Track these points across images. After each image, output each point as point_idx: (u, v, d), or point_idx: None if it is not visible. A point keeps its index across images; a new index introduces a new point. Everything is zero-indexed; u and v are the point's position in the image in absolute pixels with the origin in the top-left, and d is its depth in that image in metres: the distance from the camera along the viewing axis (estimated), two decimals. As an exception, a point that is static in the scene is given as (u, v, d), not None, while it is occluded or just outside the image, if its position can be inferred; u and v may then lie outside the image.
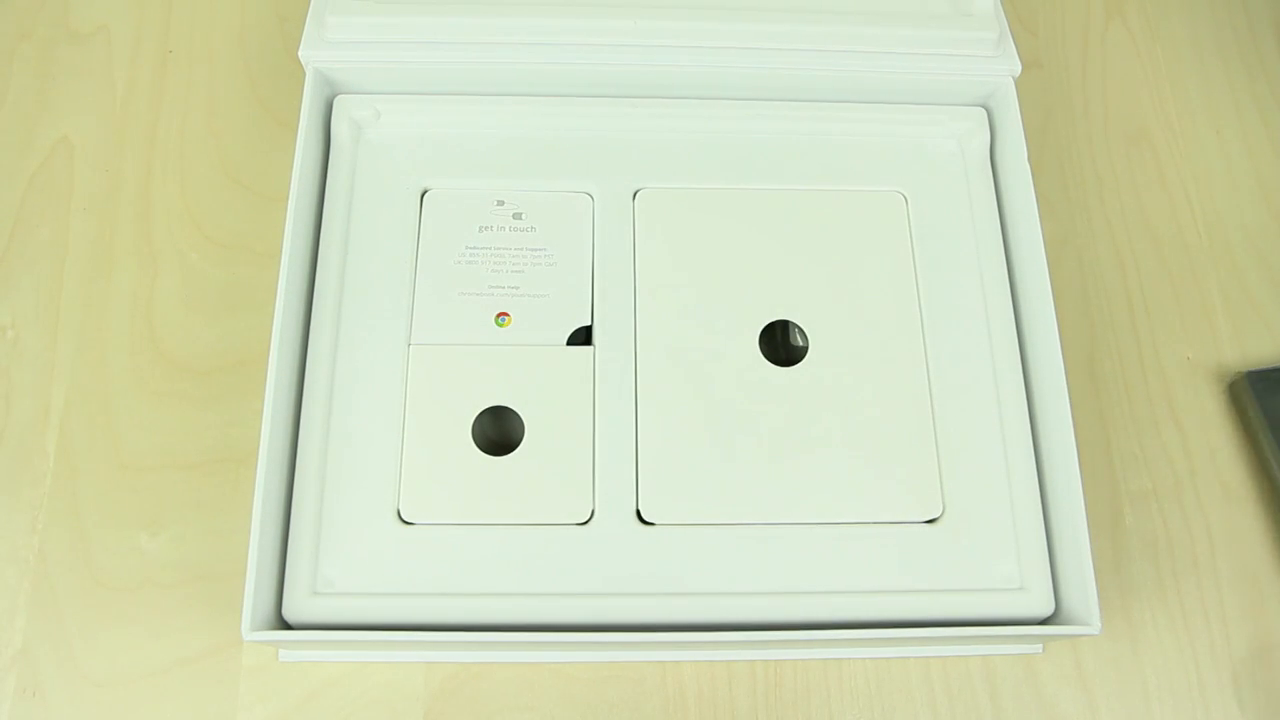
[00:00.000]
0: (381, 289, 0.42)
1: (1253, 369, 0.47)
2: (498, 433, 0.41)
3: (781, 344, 0.45)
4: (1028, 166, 0.43)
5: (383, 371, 0.41)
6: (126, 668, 0.41)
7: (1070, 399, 0.39)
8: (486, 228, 0.43)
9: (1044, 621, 0.39)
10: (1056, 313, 0.41)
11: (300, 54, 0.44)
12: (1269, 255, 0.51)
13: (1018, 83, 0.45)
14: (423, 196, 0.44)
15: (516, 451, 0.40)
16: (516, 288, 0.42)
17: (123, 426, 0.44)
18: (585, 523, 0.39)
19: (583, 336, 0.42)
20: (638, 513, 0.39)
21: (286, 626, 0.37)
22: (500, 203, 0.44)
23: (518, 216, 0.44)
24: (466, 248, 0.43)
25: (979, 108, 0.47)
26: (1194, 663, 0.43)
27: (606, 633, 0.37)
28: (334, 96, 0.45)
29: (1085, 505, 0.38)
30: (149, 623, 0.42)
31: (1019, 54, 0.45)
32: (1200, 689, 0.43)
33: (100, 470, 0.44)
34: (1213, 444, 0.47)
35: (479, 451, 0.40)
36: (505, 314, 0.42)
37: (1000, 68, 0.45)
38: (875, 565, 0.39)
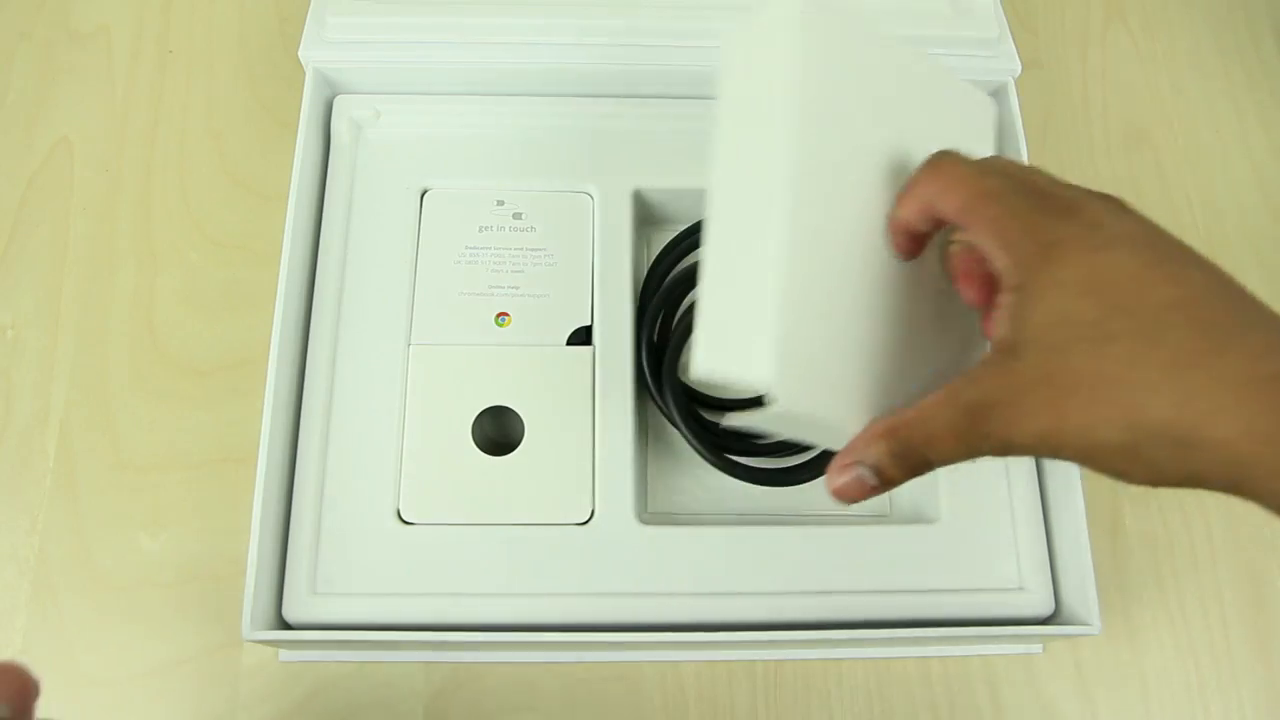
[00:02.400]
0: (381, 289, 0.42)
1: None
2: (498, 433, 0.41)
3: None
4: (1028, 166, 0.43)
5: (383, 371, 0.40)
6: (126, 668, 0.41)
7: (1070, 399, 0.39)
8: (486, 228, 0.43)
9: (1044, 621, 0.39)
10: (1056, 313, 0.41)
11: (300, 54, 0.44)
12: (1269, 255, 0.51)
13: (1018, 83, 0.45)
14: (423, 196, 0.44)
15: (516, 451, 0.40)
16: (516, 288, 0.42)
17: (123, 426, 0.44)
18: (585, 523, 0.39)
19: (583, 336, 0.42)
20: (637, 513, 0.39)
21: (286, 626, 0.37)
22: (500, 203, 0.44)
23: (518, 216, 0.44)
24: (466, 248, 0.43)
25: (979, 108, 0.47)
26: (1194, 663, 0.43)
27: (606, 633, 0.37)
28: (334, 96, 0.45)
29: (1085, 505, 0.38)
30: (149, 623, 0.41)
31: (1019, 54, 0.45)
32: (1200, 689, 0.43)
33: (100, 470, 0.44)
34: (1213, 444, 0.47)
35: (479, 451, 0.40)
36: (505, 314, 0.42)
37: (1000, 68, 0.45)
38: (875, 565, 0.39)
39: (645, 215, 0.45)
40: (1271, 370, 0.24)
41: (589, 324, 0.42)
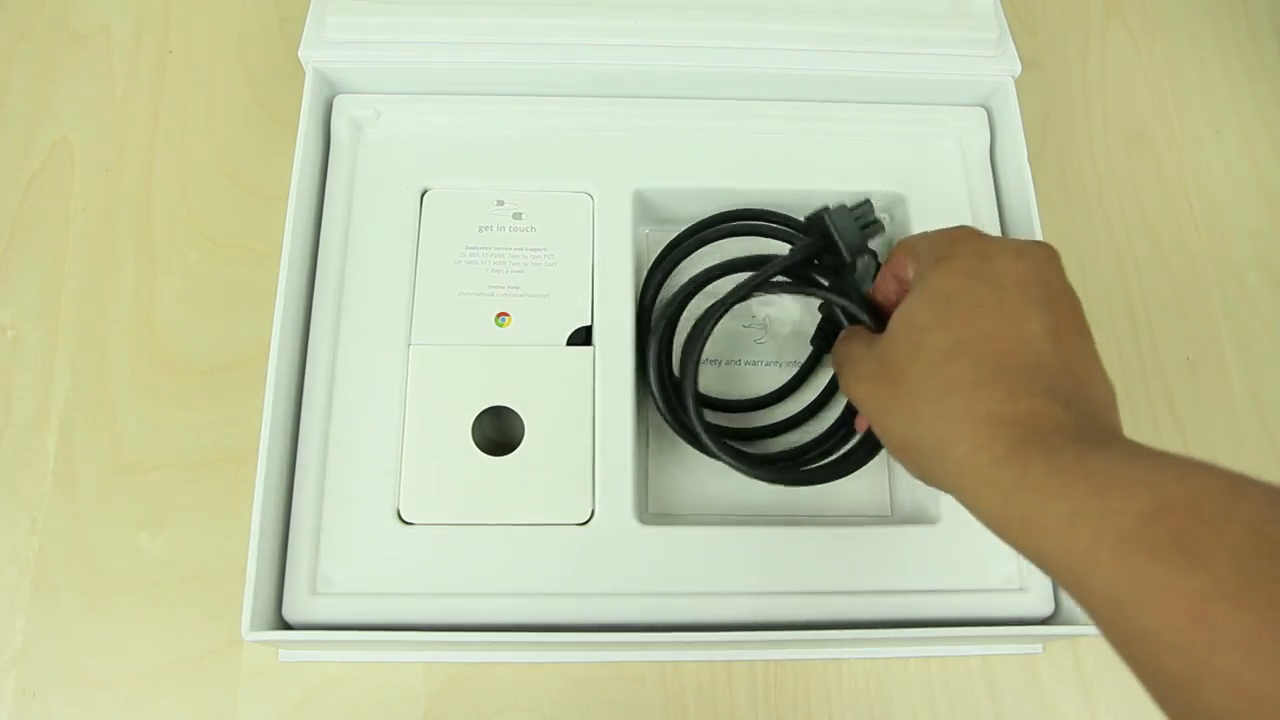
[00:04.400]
0: (381, 289, 0.42)
1: None
2: (498, 433, 0.41)
3: (781, 344, 0.45)
4: (1028, 166, 0.43)
5: (383, 371, 0.40)
6: (126, 668, 0.41)
7: (1070, 399, 0.39)
8: (486, 228, 0.43)
9: (1044, 621, 0.39)
10: (1056, 313, 0.41)
11: (300, 54, 0.44)
12: (1269, 255, 0.51)
13: (1018, 83, 0.45)
14: (423, 196, 0.44)
15: (516, 451, 0.40)
16: (516, 288, 0.42)
17: (123, 426, 0.44)
18: (585, 523, 0.39)
19: (583, 336, 0.42)
20: (637, 513, 0.39)
21: (286, 626, 0.37)
22: (500, 203, 0.44)
23: (518, 216, 0.44)
24: (466, 248, 0.43)
25: (979, 108, 0.47)
26: (1194, 663, 0.43)
27: (606, 633, 0.37)
28: (334, 96, 0.45)
29: (1085, 505, 0.38)
30: (149, 623, 0.42)
31: (1019, 54, 0.45)
32: (1200, 689, 0.43)
33: (100, 470, 0.44)
34: (1213, 444, 0.47)
35: (479, 451, 0.40)
36: (505, 314, 0.42)
37: (1000, 68, 0.45)
38: (875, 565, 0.39)
39: (645, 215, 0.45)
40: (1007, 413, 0.27)
41: (589, 324, 0.42)
